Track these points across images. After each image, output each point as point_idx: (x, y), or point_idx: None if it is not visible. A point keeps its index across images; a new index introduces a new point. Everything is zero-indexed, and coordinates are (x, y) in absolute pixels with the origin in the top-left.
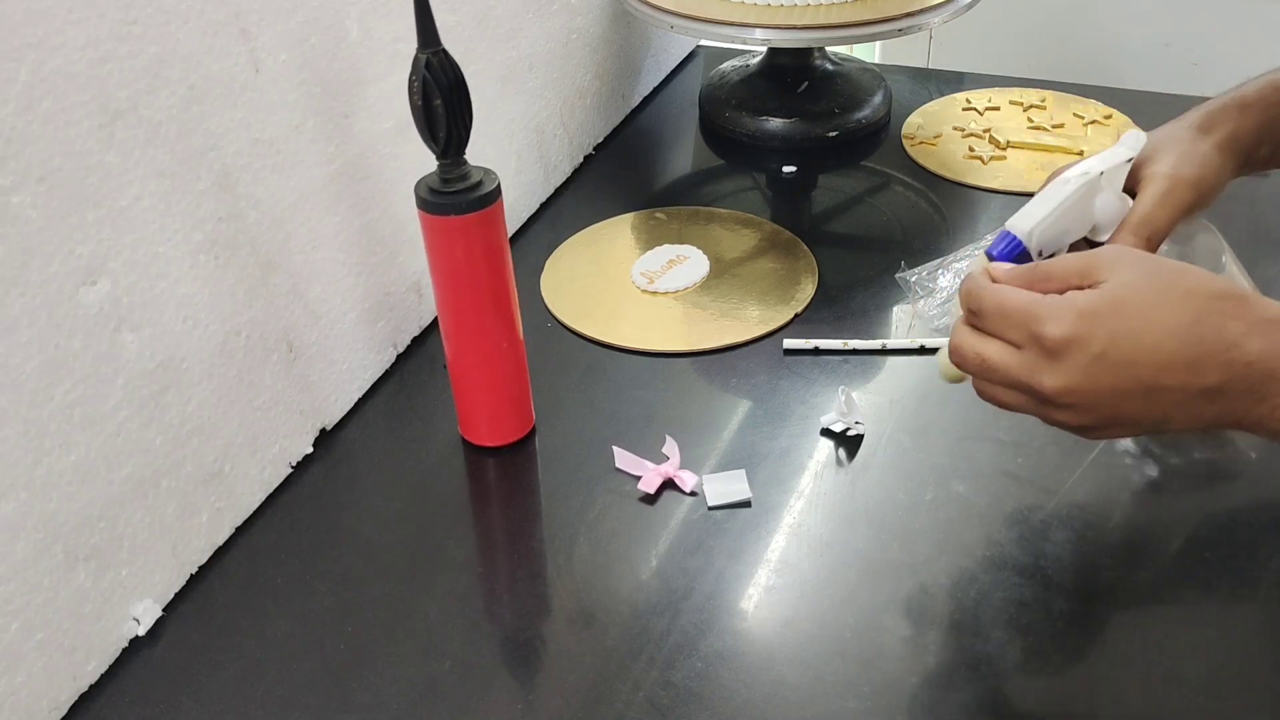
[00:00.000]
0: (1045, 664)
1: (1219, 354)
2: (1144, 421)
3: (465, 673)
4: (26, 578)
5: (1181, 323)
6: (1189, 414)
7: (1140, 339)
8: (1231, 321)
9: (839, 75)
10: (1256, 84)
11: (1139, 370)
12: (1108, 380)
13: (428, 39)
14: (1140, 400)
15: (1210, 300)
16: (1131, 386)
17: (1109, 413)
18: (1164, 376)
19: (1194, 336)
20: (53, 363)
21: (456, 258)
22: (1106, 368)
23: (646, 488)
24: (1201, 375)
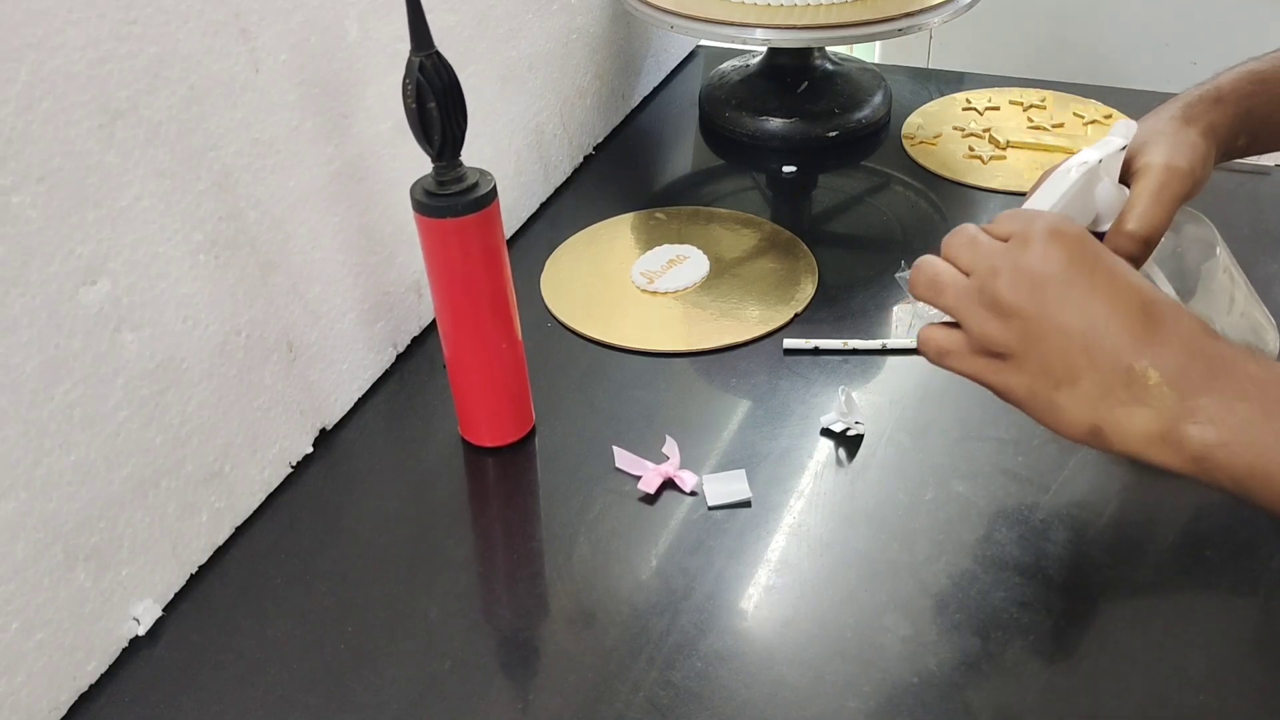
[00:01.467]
0: (1046, 663)
1: (1149, 323)
2: (1058, 366)
3: (465, 673)
4: (26, 578)
5: (1132, 273)
6: (1099, 385)
7: (1091, 262)
8: (1170, 307)
9: (839, 75)
10: (1232, 75)
11: (1102, 264)
12: (1077, 268)
13: (421, 42)
14: (1072, 339)
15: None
16: (1090, 276)
17: (1041, 328)
18: (1117, 279)
19: (1137, 292)
20: (53, 363)
21: (453, 260)
22: (1080, 254)
23: (646, 488)
24: (1140, 294)
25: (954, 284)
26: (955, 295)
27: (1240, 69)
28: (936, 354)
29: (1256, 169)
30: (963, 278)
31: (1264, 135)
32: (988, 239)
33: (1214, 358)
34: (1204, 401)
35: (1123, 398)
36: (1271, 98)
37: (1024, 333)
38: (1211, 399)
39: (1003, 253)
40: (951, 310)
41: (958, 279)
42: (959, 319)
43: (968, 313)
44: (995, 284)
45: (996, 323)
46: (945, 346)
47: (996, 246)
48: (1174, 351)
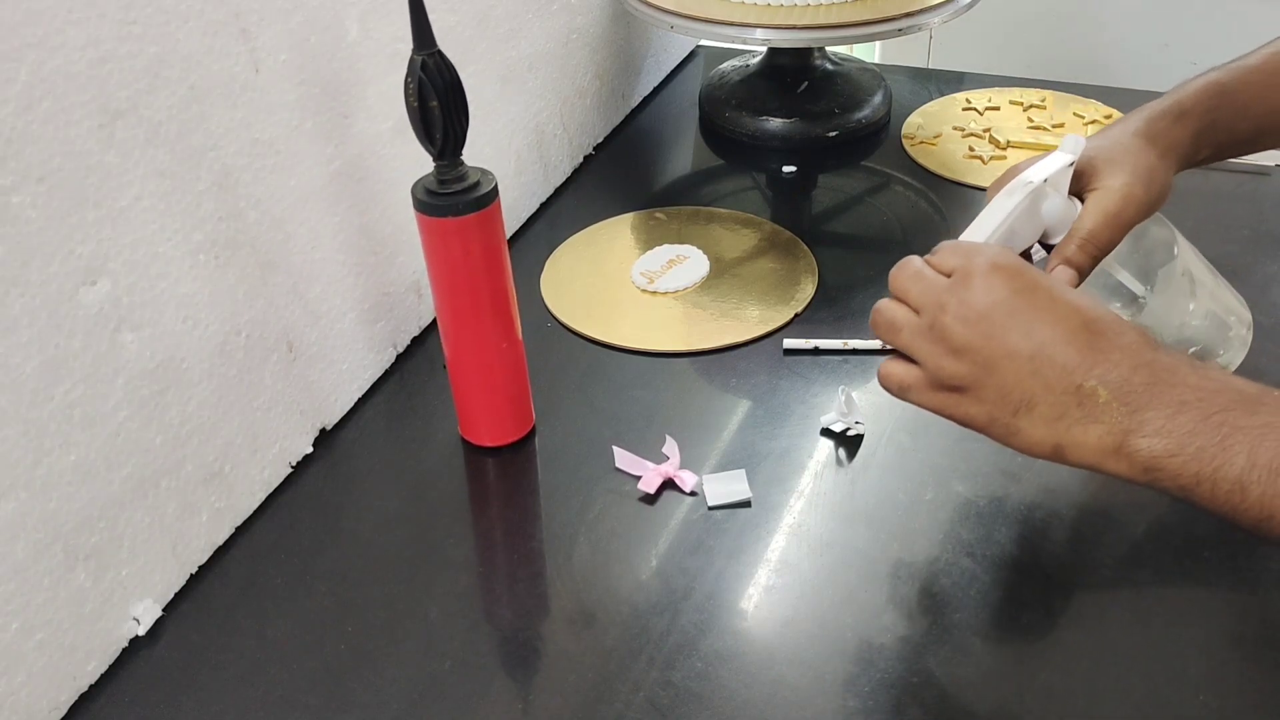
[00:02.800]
0: (1045, 664)
1: (1091, 340)
2: (1014, 393)
3: (465, 673)
4: (26, 578)
5: (1072, 294)
6: (1054, 406)
7: (1034, 292)
8: (1114, 322)
9: (839, 75)
10: (1193, 87)
11: (1042, 295)
12: (1020, 300)
13: (423, 41)
14: (1022, 365)
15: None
16: (1009, 312)
17: (992, 359)
18: (1057, 303)
19: (1080, 311)
20: (53, 363)
21: (454, 259)
22: (1022, 288)
23: (646, 488)
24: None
25: (907, 324)
26: (909, 335)
27: (1202, 80)
28: (898, 389)
29: (1257, 169)
30: (914, 316)
31: (1227, 145)
32: (932, 274)
33: (1155, 368)
34: (1149, 415)
35: (1077, 416)
36: (1234, 109)
37: (977, 365)
38: (1156, 412)
39: (947, 289)
40: (907, 349)
41: (910, 318)
42: (915, 357)
43: (922, 351)
44: (944, 321)
45: (950, 359)
46: (906, 382)
47: (941, 282)
48: (1118, 366)
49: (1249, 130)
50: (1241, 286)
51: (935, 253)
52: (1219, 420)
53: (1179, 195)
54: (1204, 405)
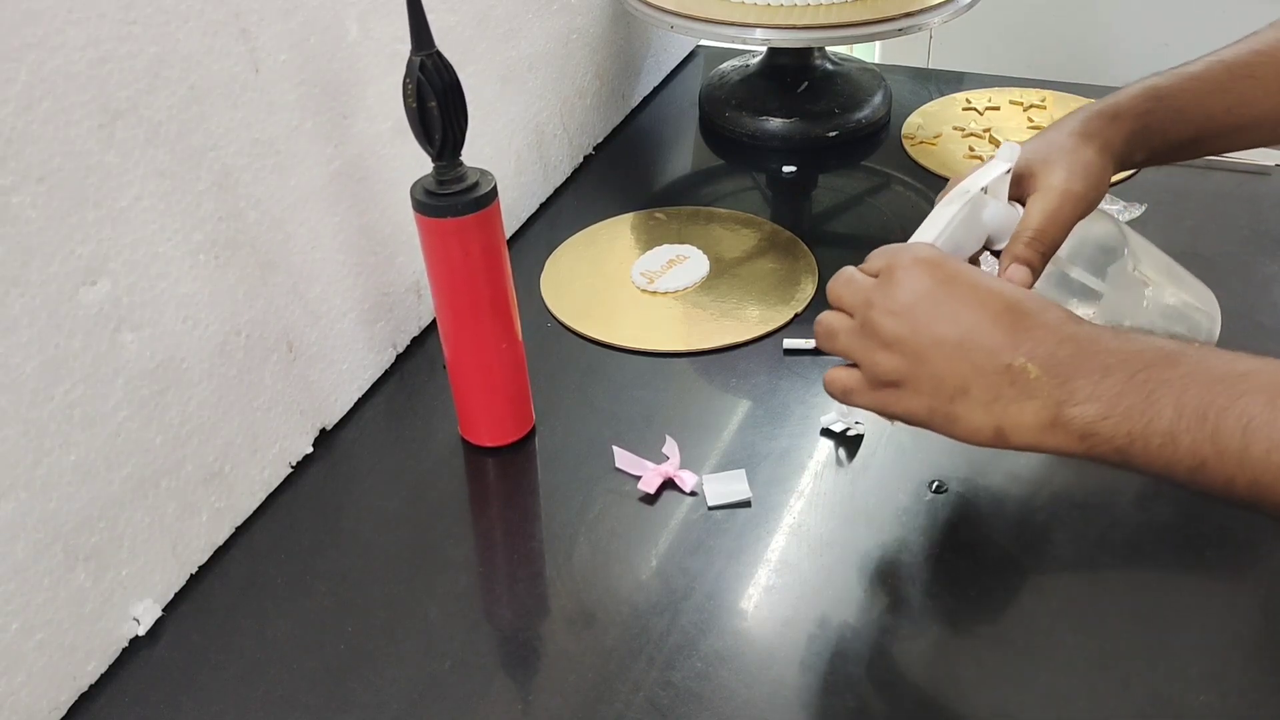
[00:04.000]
0: (1046, 664)
1: (1015, 325)
2: (947, 380)
3: (465, 673)
4: (26, 578)
5: (997, 286)
6: (988, 389)
7: (955, 286)
8: (1041, 307)
9: (839, 75)
10: (1131, 91)
11: (959, 315)
12: (945, 291)
13: (422, 41)
14: (951, 352)
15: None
16: (960, 299)
17: (921, 349)
18: (987, 295)
19: (1004, 300)
20: (53, 363)
21: (454, 260)
22: (914, 292)
23: (646, 488)
24: (1011, 303)
25: (841, 328)
26: (845, 338)
27: (1141, 84)
28: (841, 393)
29: (1257, 169)
30: (848, 320)
31: (1162, 149)
32: (862, 277)
33: (1079, 339)
34: (1079, 383)
35: (1011, 395)
36: (1167, 114)
37: (908, 356)
38: (1084, 379)
39: (874, 287)
40: (844, 353)
41: (844, 321)
42: (853, 359)
43: (857, 351)
44: (871, 317)
45: (883, 354)
46: (847, 385)
47: (868, 283)
48: (1043, 342)
49: (1186, 135)
50: (1241, 286)
51: (867, 259)
52: (1143, 378)
53: (1179, 195)
54: (1128, 366)
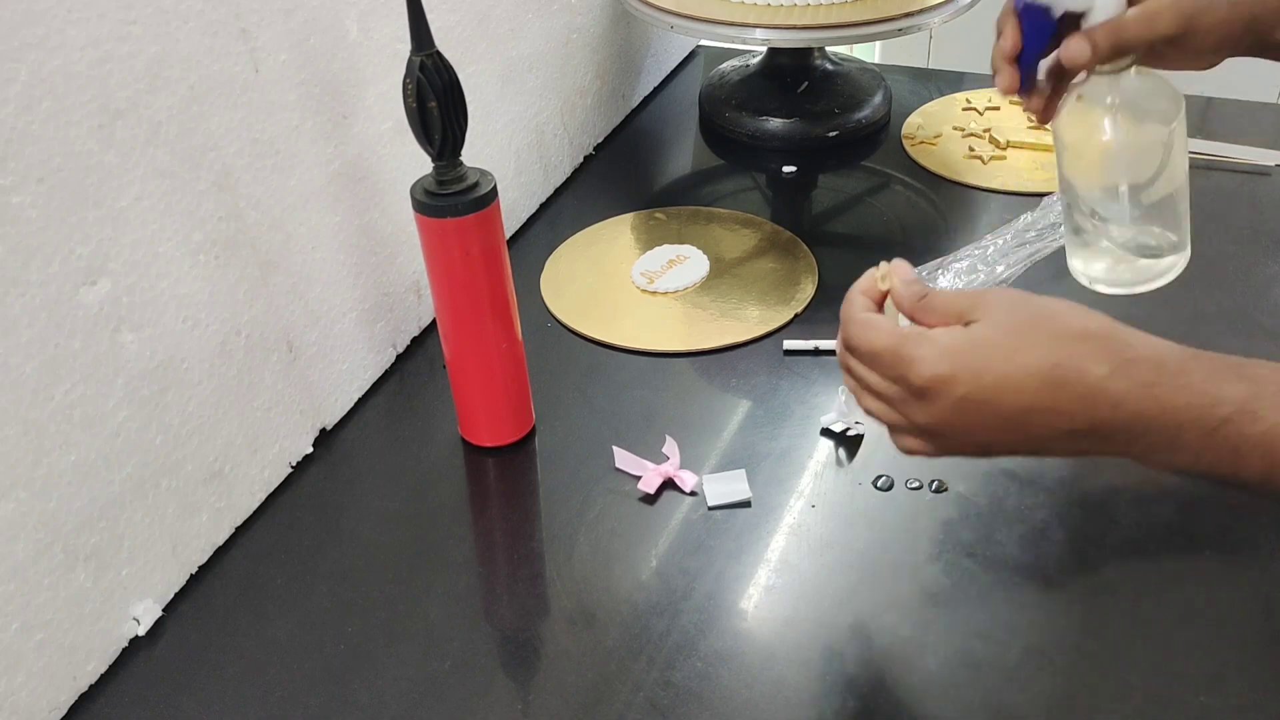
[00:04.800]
0: (1046, 664)
1: (1083, 397)
2: (1020, 449)
3: (465, 673)
4: (26, 578)
5: (1043, 365)
6: (1066, 447)
7: (1003, 380)
8: (1095, 365)
9: (839, 75)
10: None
11: (1003, 409)
12: (973, 418)
13: (421, 42)
14: (1010, 434)
15: (1075, 343)
16: (998, 424)
17: (980, 443)
18: (1029, 417)
19: (1055, 379)
20: (53, 363)
21: (454, 260)
22: (971, 407)
23: (646, 488)
24: (1067, 418)
25: (885, 416)
26: (892, 429)
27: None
28: (908, 453)
29: (1257, 169)
30: (886, 410)
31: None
32: (877, 381)
33: (1133, 400)
34: (1154, 438)
35: (1089, 445)
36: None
37: (969, 449)
38: (1157, 435)
39: (898, 404)
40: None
41: (884, 411)
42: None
43: (912, 444)
44: (906, 441)
45: (938, 442)
46: (913, 449)
47: (889, 396)
48: (1100, 407)
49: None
50: (1242, 286)
51: (852, 350)
52: (1223, 435)
53: None
54: (1201, 423)
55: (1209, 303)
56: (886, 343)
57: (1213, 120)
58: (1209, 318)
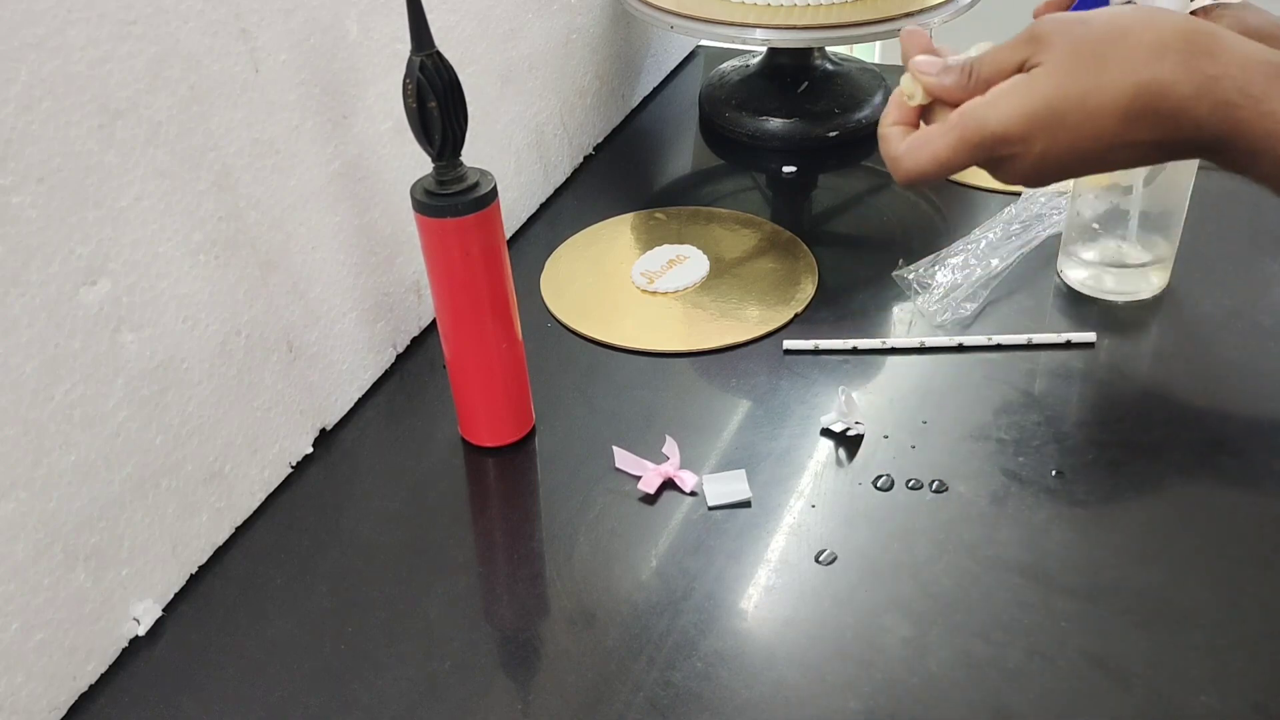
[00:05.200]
0: (1046, 664)
1: (1165, 121)
2: (1104, 170)
3: (465, 673)
4: (26, 578)
5: (1122, 100)
6: (1148, 161)
7: (1080, 130)
8: (1177, 85)
9: (839, 75)
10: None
11: (1086, 153)
12: (1056, 167)
13: (421, 42)
14: (1094, 164)
15: (1153, 61)
16: (1080, 166)
17: (1063, 176)
18: (1112, 153)
19: (1135, 111)
20: (53, 363)
21: (454, 260)
22: (1053, 160)
23: (646, 488)
24: (1151, 143)
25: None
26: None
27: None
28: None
29: None
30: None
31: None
32: (968, 154)
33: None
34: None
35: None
36: None
37: (1053, 178)
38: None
39: (992, 168)
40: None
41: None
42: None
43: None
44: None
45: (1021, 179)
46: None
47: (980, 160)
48: (1189, 117)
49: None
50: (1242, 286)
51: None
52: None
53: None
54: (1276, 150)
55: (1209, 303)
56: (951, 141)
57: None
58: (1209, 318)
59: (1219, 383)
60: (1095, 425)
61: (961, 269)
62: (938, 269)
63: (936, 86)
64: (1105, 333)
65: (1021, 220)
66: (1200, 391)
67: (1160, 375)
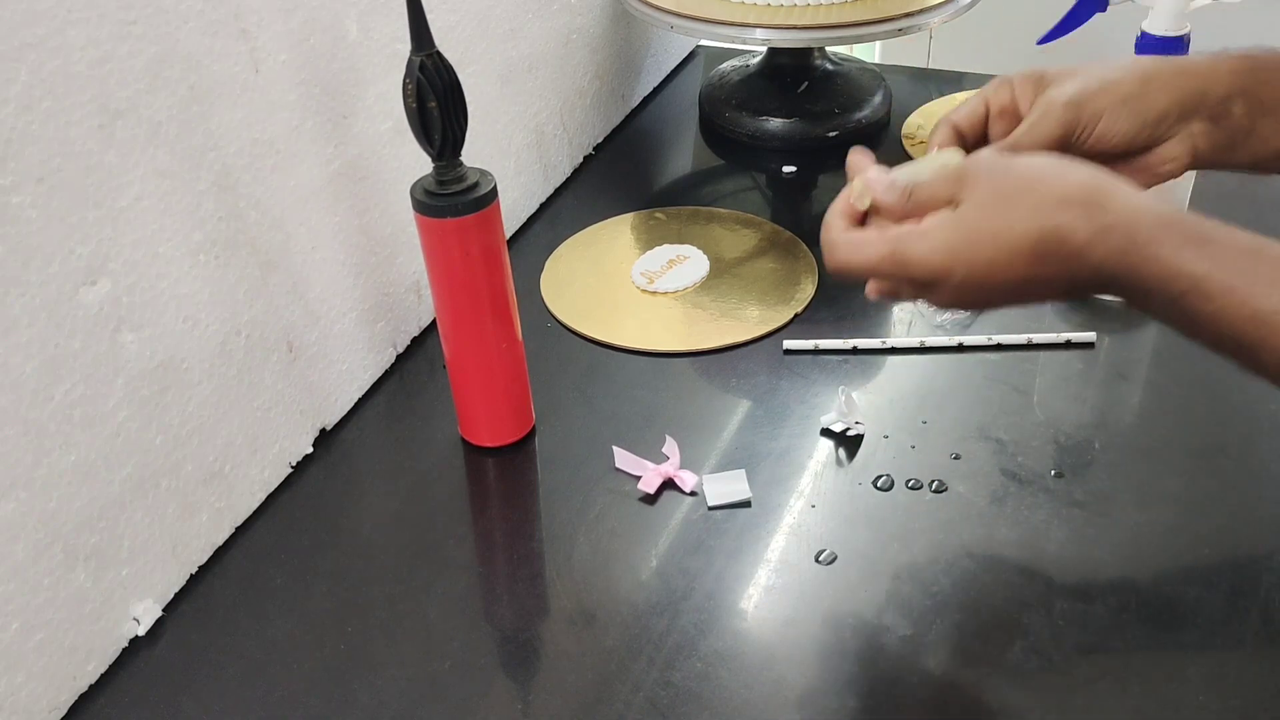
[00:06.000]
0: (1046, 664)
1: (1066, 261)
2: (1022, 304)
3: (465, 673)
4: (26, 578)
5: (1028, 242)
6: (1060, 299)
7: (994, 262)
8: (1074, 232)
9: (839, 75)
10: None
11: (999, 284)
12: (975, 294)
13: (421, 42)
14: (1010, 297)
15: (1055, 211)
16: (997, 294)
17: (984, 305)
18: (1023, 286)
19: (1040, 253)
20: (53, 363)
21: (454, 260)
22: (971, 286)
23: (646, 488)
24: (1056, 281)
25: (893, 296)
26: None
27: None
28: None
29: None
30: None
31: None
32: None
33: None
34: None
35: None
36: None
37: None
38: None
39: (904, 290)
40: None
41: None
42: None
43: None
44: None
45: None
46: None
47: (893, 287)
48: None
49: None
50: None
51: (843, 269)
52: (1181, 307)
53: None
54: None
55: None
56: (881, 252)
57: None
58: None
59: (1219, 383)
60: (1095, 425)
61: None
62: None
63: (881, 200)
64: (1105, 333)
65: None
66: (1200, 392)
67: (1160, 375)
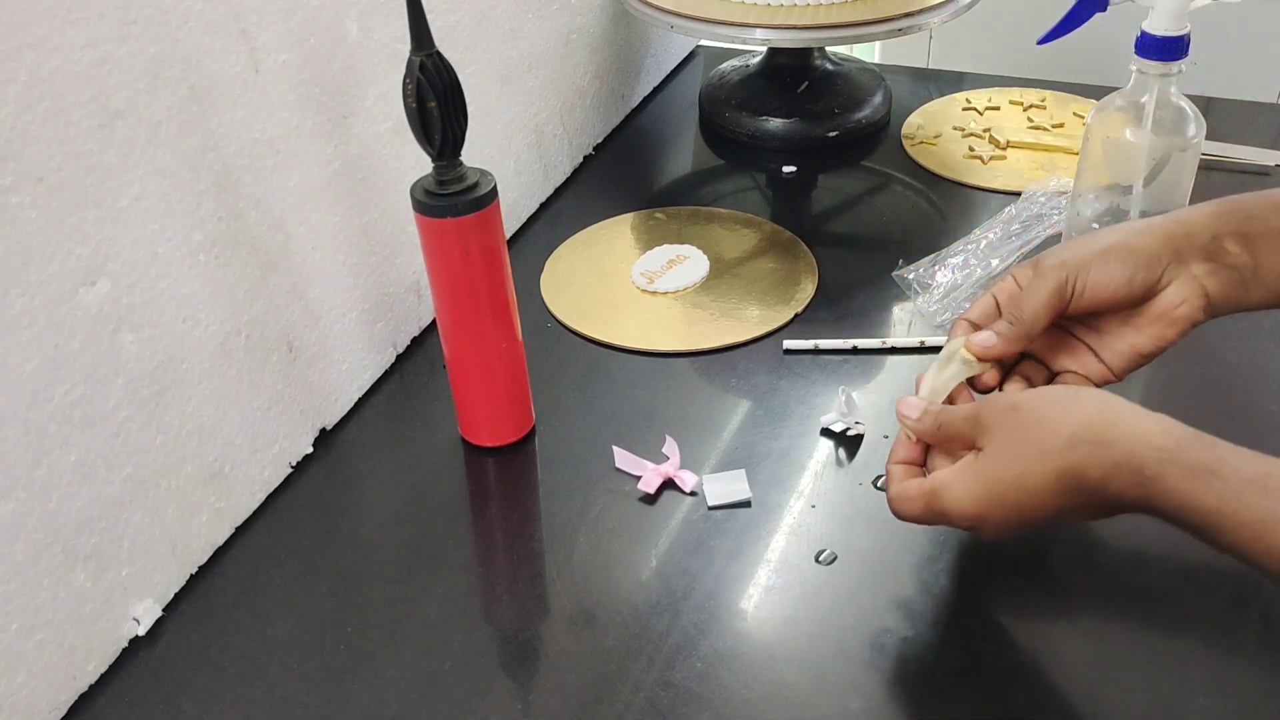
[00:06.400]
0: (1046, 664)
1: (1091, 494)
2: (1073, 522)
3: (465, 673)
4: (26, 578)
5: (1048, 482)
6: (1098, 515)
7: (1023, 507)
8: (1089, 470)
9: (839, 75)
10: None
11: (1034, 518)
12: (1014, 528)
13: (421, 42)
14: (1048, 524)
15: (1066, 452)
16: (1035, 524)
17: (1027, 531)
18: (1058, 516)
19: (1063, 488)
20: (53, 363)
21: (454, 260)
22: (1009, 525)
23: (646, 488)
24: (1086, 508)
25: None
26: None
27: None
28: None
29: (1257, 169)
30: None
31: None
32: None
33: (1140, 486)
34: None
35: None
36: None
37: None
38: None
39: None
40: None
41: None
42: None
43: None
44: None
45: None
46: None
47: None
48: (1110, 491)
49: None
50: None
51: (912, 499)
52: (1203, 537)
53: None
54: (1182, 523)
55: None
56: (920, 508)
57: (1213, 120)
58: None
59: (1219, 383)
60: None
61: (961, 269)
62: (938, 269)
63: (915, 429)
64: None
65: (1021, 220)
66: (1200, 392)
67: (1160, 375)
